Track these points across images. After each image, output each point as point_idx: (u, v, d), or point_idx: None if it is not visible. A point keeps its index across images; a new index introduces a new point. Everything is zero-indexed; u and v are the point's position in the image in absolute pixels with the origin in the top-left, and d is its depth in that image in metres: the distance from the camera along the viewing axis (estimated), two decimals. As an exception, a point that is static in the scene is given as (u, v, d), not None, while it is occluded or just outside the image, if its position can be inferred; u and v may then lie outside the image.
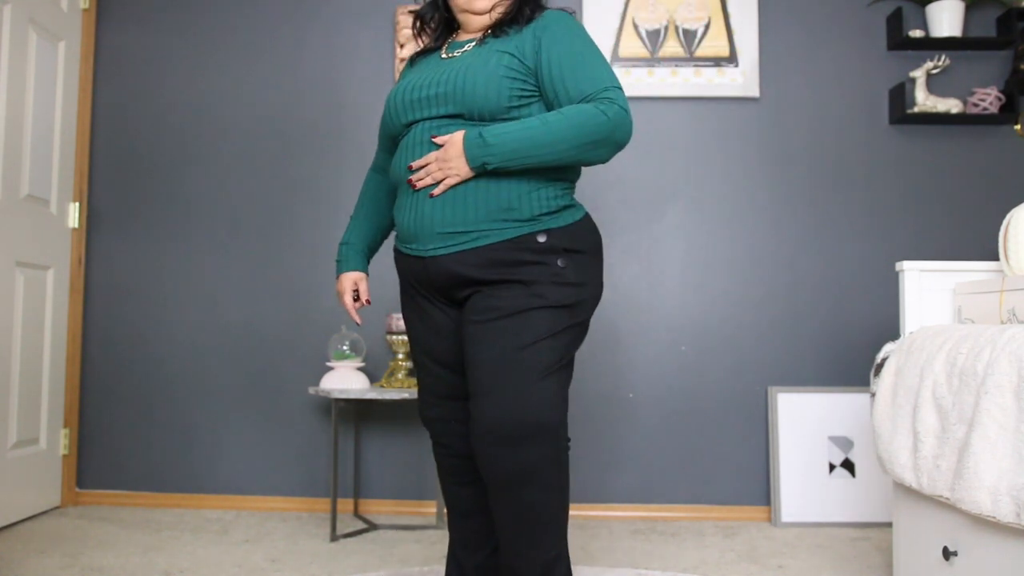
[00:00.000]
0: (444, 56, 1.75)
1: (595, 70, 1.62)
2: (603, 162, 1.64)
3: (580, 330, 1.66)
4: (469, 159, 1.57)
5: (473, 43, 1.74)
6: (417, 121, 1.67)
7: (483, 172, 1.58)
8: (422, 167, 1.62)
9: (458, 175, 1.59)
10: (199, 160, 3.15)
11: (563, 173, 1.66)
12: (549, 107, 1.65)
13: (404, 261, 1.72)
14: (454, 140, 1.59)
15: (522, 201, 1.61)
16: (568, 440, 1.64)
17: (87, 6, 3.15)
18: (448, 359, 1.72)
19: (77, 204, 3.11)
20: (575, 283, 1.62)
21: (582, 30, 1.68)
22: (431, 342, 1.73)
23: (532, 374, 1.55)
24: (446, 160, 1.59)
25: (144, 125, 3.17)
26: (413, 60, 1.86)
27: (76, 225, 3.11)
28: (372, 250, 1.91)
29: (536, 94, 1.65)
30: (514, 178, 1.60)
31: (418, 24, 1.84)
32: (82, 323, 3.12)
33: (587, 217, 1.70)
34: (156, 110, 3.17)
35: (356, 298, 1.88)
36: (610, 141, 1.59)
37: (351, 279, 1.87)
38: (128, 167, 3.16)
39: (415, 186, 1.62)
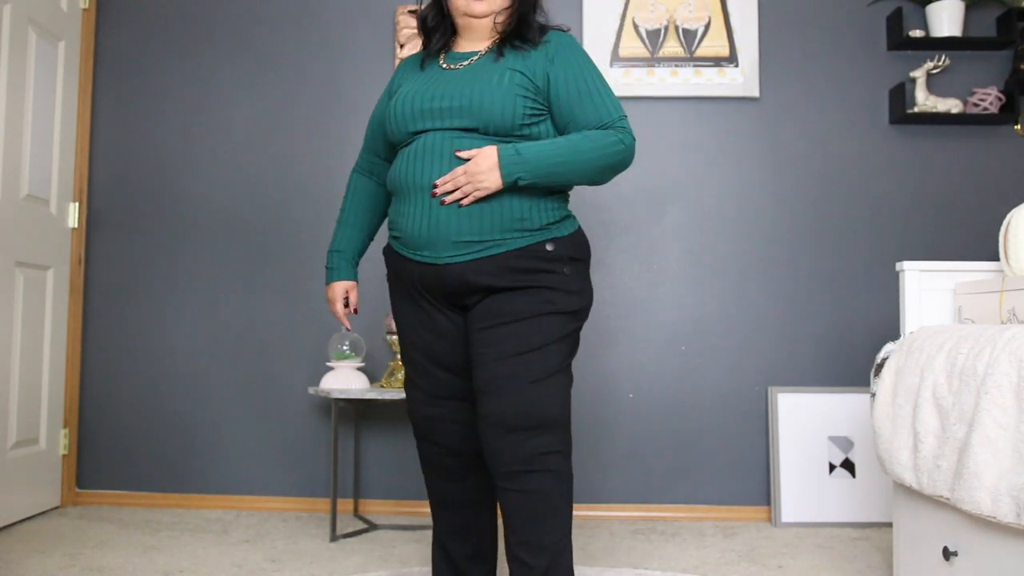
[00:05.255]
0: (445, 66, 1.77)
1: (608, 99, 1.72)
2: (601, 184, 1.75)
3: (577, 337, 1.76)
4: (504, 174, 1.62)
5: (476, 56, 1.76)
6: (426, 131, 1.70)
7: (509, 187, 1.64)
8: (448, 181, 1.64)
9: (488, 188, 1.63)
10: (198, 160, 3.15)
11: (564, 186, 1.74)
12: (559, 128, 1.72)
13: (408, 266, 1.74)
14: (486, 154, 1.62)
15: (532, 212, 1.68)
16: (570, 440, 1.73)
17: (87, 6, 3.15)
18: (451, 362, 1.76)
19: (77, 204, 3.11)
20: (578, 291, 1.72)
21: (588, 57, 1.76)
22: (434, 346, 1.76)
23: (541, 374, 1.64)
24: (476, 173, 1.62)
25: (144, 125, 3.17)
26: (406, 63, 1.89)
27: (76, 225, 3.11)
28: (360, 255, 1.98)
29: (545, 113, 1.71)
30: (525, 191, 1.67)
31: (421, 24, 1.86)
32: (82, 323, 3.12)
33: (580, 228, 1.80)
34: (156, 110, 3.17)
35: (346, 305, 1.95)
36: (620, 167, 1.73)
37: (342, 288, 1.93)
38: (128, 167, 3.16)
39: (443, 201, 1.65)
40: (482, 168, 1.62)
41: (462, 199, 1.63)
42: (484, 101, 1.66)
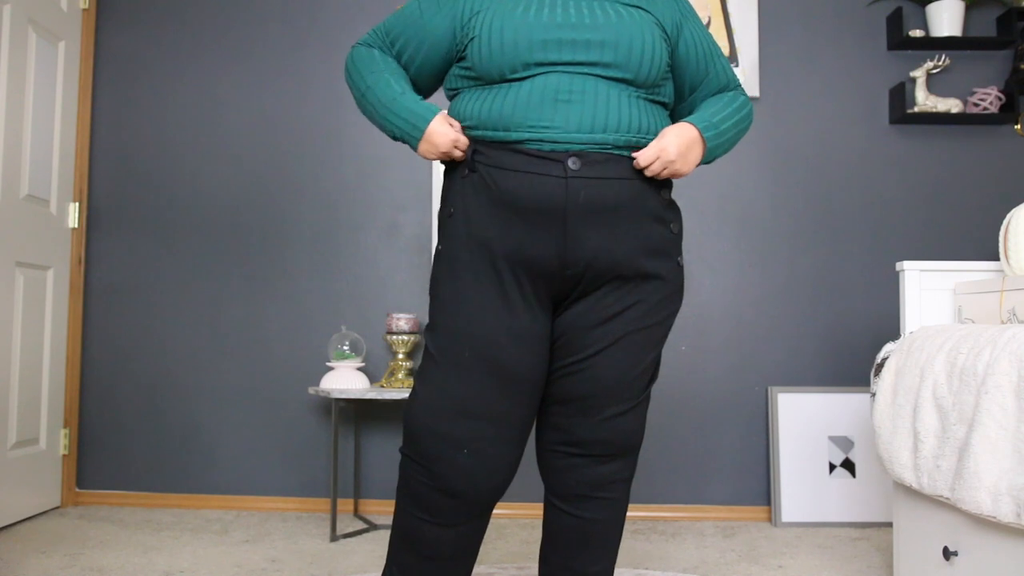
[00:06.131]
0: None
1: (726, 60, 1.53)
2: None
3: None
4: (707, 152, 1.41)
5: None
6: (547, 64, 1.34)
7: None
8: (653, 160, 1.36)
9: (681, 174, 1.39)
10: (199, 160, 3.15)
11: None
12: (679, 87, 1.50)
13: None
14: (681, 134, 1.37)
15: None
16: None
17: (87, 6, 3.15)
18: (518, 369, 1.39)
19: (77, 204, 3.11)
20: (681, 289, 1.51)
21: None
22: (506, 347, 1.38)
23: (639, 395, 1.48)
24: (672, 160, 1.36)
25: (144, 125, 3.17)
26: None
27: (76, 225, 3.11)
28: None
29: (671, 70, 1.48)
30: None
31: None
32: (82, 323, 3.12)
33: None
34: (156, 110, 3.17)
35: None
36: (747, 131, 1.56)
37: (445, 114, 1.43)
38: (128, 167, 3.16)
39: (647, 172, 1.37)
40: (680, 151, 1.35)
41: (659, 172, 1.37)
42: (634, 41, 1.34)
